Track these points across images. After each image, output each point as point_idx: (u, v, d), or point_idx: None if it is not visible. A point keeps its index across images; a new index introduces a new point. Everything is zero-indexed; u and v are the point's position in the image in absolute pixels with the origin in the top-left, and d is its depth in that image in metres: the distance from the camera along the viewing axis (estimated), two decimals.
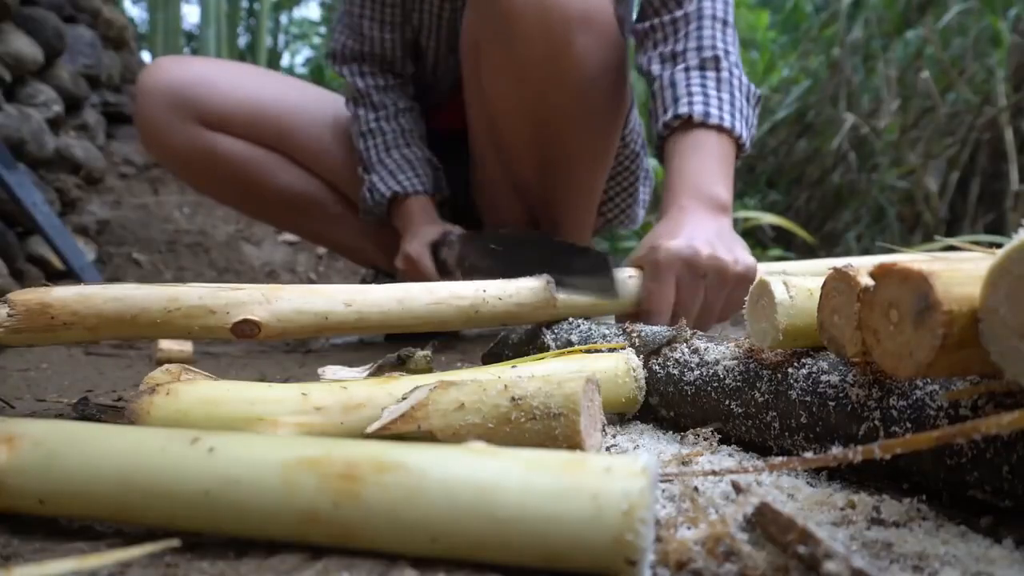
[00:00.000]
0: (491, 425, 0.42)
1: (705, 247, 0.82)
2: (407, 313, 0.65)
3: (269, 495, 0.31)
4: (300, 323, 0.61)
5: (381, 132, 1.28)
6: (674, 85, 0.98)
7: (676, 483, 0.42)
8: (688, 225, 0.85)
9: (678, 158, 0.94)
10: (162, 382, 0.49)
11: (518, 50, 1.03)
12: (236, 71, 1.39)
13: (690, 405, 0.56)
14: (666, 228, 0.86)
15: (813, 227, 3.01)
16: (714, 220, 0.88)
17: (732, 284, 0.83)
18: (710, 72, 0.98)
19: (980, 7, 2.66)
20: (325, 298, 0.62)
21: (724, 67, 0.98)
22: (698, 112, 0.93)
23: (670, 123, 0.95)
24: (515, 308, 0.70)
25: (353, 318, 0.62)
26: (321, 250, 2.50)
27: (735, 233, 0.90)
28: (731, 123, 0.94)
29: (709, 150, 0.93)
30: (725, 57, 0.99)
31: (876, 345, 0.37)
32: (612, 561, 0.28)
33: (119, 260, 2.07)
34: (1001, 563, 0.31)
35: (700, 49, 0.99)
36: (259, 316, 0.59)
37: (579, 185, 1.23)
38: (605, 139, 1.19)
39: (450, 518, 0.29)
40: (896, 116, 2.88)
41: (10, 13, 1.68)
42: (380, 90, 1.30)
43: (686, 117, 0.93)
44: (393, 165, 1.26)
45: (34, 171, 1.77)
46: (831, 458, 0.34)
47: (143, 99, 1.29)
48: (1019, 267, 0.29)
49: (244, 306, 0.59)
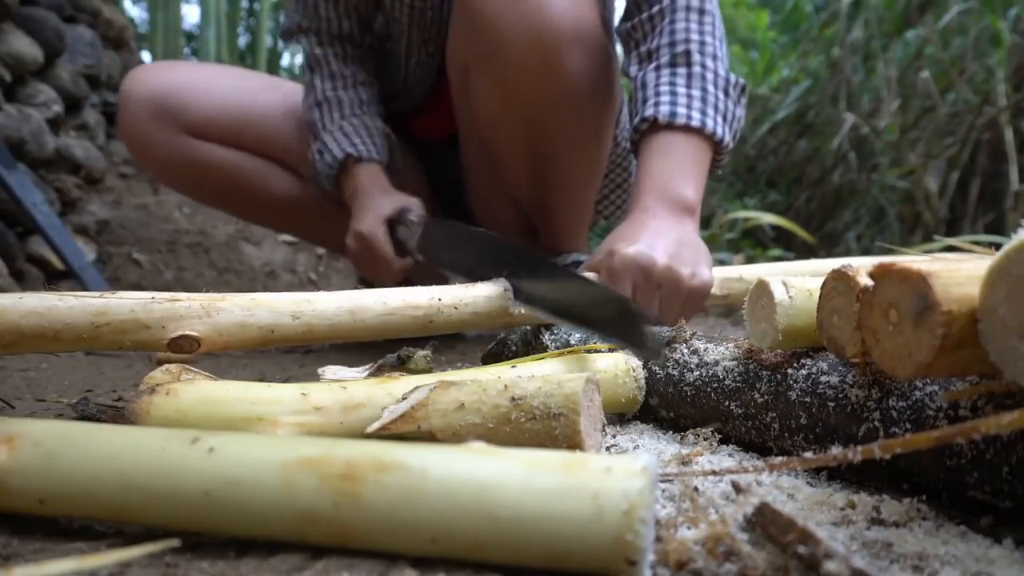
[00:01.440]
0: (491, 425, 0.42)
1: (662, 256, 0.79)
2: (358, 324, 0.61)
3: (269, 495, 0.31)
4: (243, 337, 0.56)
5: (337, 100, 1.21)
6: (644, 86, 0.95)
7: (676, 483, 0.42)
8: (648, 230, 0.82)
9: (646, 160, 0.91)
10: (162, 382, 0.49)
11: (509, 72, 1.02)
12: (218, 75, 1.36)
13: (690, 406, 0.56)
14: (627, 232, 0.83)
15: (813, 227, 3.01)
16: (677, 224, 0.85)
17: (685, 298, 0.81)
18: (681, 68, 0.94)
19: (980, 7, 2.66)
20: (270, 310, 0.58)
21: (696, 61, 0.94)
22: (664, 113, 0.90)
23: (638, 127, 0.93)
24: (471, 317, 0.66)
25: (301, 330, 0.59)
26: (321, 250, 2.50)
27: (699, 240, 0.87)
28: (700, 121, 0.90)
29: (676, 152, 0.90)
30: (698, 50, 0.95)
31: (875, 345, 0.37)
32: (612, 561, 0.28)
33: (119, 260, 2.07)
34: (1001, 563, 0.31)
35: (672, 44, 0.96)
36: (198, 331, 0.55)
37: (574, 192, 1.23)
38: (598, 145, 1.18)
39: (450, 518, 0.29)
40: (896, 116, 2.88)
41: (10, 13, 1.68)
42: (339, 59, 1.24)
43: (651, 120, 0.91)
44: (349, 129, 1.18)
45: (34, 171, 1.78)
46: (831, 458, 0.34)
47: (126, 108, 1.27)
48: (1018, 267, 0.29)
49: (182, 320, 0.54)
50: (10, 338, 0.51)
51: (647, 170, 0.90)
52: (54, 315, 0.52)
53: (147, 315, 0.53)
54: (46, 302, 0.52)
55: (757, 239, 3.06)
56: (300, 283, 2.39)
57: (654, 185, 0.88)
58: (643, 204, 0.87)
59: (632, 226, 0.84)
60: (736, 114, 0.97)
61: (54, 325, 0.52)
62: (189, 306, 0.55)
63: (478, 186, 1.33)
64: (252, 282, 2.24)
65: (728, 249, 2.84)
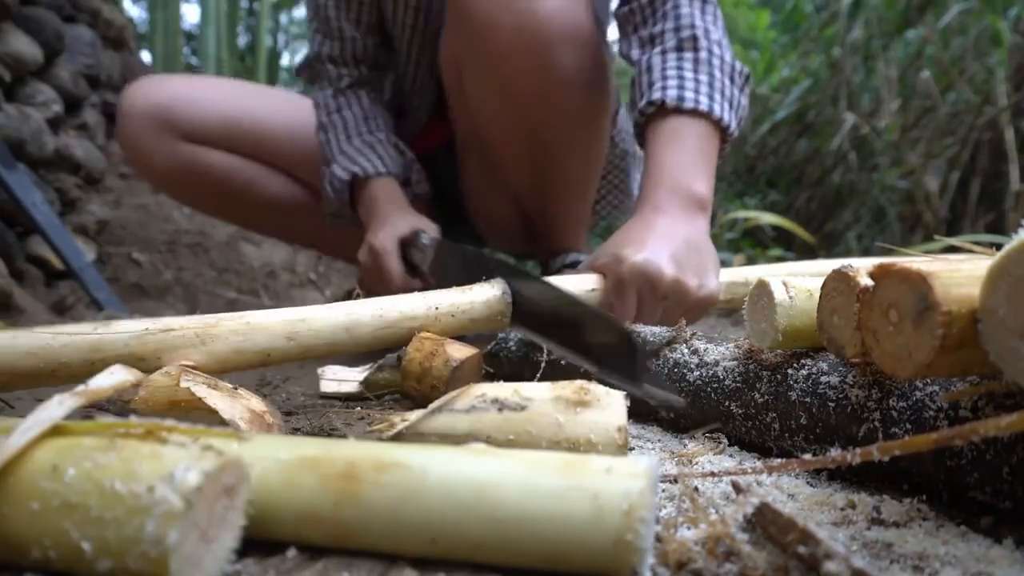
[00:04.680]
0: None
1: (669, 267, 0.78)
2: (355, 340, 0.61)
3: (269, 495, 0.31)
4: (239, 362, 0.56)
5: (343, 121, 1.20)
6: (650, 69, 0.94)
7: (676, 483, 0.42)
8: (657, 233, 0.81)
9: (655, 148, 0.89)
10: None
11: (500, 68, 1.01)
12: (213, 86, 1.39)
13: (690, 406, 0.56)
14: (635, 235, 0.82)
15: (813, 227, 3.01)
16: (688, 224, 0.84)
17: (690, 307, 0.80)
18: (687, 53, 0.93)
19: (980, 7, 2.66)
20: (266, 334, 0.57)
21: (703, 47, 0.93)
22: (672, 97, 0.89)
23: (645, 110, 0.91)
24: (468, 323, 0.66)
25: (297, 351, 0.59)
26: None
27: (708, 242, 0.86)
28: (708, 106, 0.89)
29: (687, 139, 0.88)
30: (704, 36, 0.94)
31: (875, 346, 0.37)
32: (613, 561, 0.28)
33: (119, 260, 2.07)
34: (1001, 563, 0.31)
35: (678, 29, 0.95)
36: (194, 359, 0.54)
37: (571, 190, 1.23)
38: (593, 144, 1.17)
39: (450, 518, 0.29)
40: (896, 116, 2.88)
41: (10, 13, 1.68)
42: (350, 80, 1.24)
43: (659, 103, 0.89)
44: (353, 151, 1.18)
45: (34, 171, 1.77)
46: (829, 461, 0.34)
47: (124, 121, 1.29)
48: (1018, 268, 0.29)
49: (176, 350, 0.54)
50: (5, 379, 0.51)
51: (657, 161, 0.88)
52: (48, 354, 0.51)
53: (142, 347, 0.53)
54: (40, 341, 0.52)
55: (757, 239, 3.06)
56: (300, 283, 2.39)
57: (665, 178, 0.86)
58: (654, 201, 0.85)
59: (640, 229, 0.83)
60: (741, 102, 0.96)
61: (49, 365, 0.52)
62: (183, 335, 0.55)
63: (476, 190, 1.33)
64: (252, 282, 2.24)
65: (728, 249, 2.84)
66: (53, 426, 0.30)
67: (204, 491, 0.26)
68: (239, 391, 0.50)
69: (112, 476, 0.27)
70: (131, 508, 0.26)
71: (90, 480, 0.27)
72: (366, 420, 0.61)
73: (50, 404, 0.32)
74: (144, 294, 1.98)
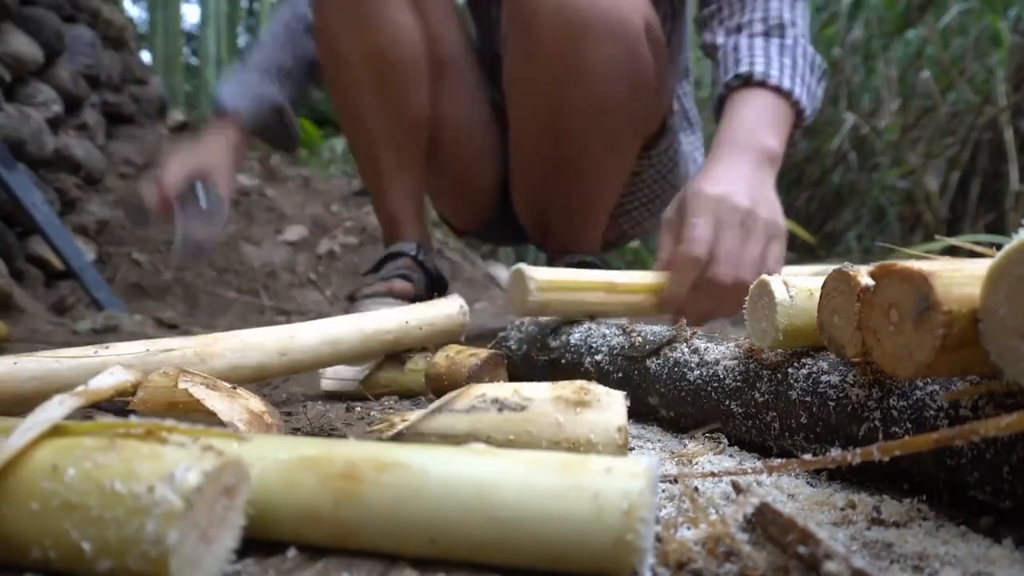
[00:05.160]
0: None
1: (744, 200, 0.83)
2: (337, 354, 0.68)
3: (269, 495, 0.31)
4: (236, 378, 0.59)
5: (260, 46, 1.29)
6: (736, 49, 0.98)
7: (676, 483, 0.42)
8: (730, 174, 0.86)
9: (734, 109, 0.94)
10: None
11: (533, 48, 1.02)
12: None
13: (690, 405, 0.56)
14: (710, 174, 0.86)
15: (813, 227, 3.01)
16: (757, 170, 0.88)
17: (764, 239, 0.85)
18: (774, 39, 0.98)
19: (980, 7, 2.66)
20: (260, 351, 0.62)
21: (789, 35, 0.98)
22: (759, 72, 0.93)
23: (730, 83, 0.96)
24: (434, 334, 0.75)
25: (288, 365, 0.64)
26: (321, 250, 2.50)
27: (775, 196, 0.90)
28: (790, 86, 0.93)
29: (767, 108, 0.93)
30: (791, 26, 0.99)
31: (876, 345, 0.37)
32: (613, 561, 0.28)
33: (119, 260, 2.07)
34: (1001, 563, 0.31)
35: (766, 19, 1.00)
36: None
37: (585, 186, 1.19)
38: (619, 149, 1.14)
39: (450, 518, 0.29)
40: (896, 116, 2.88)
41: (10, 13, 1.68)
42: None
43: (746, 76, 0.94)
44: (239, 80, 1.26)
45: (34, 171, 1.77)
46: (830, 460, 0.34)
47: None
48: (1019, 268, 0.29)
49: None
50: (11, 403, 0.52)
51: (737, 115, 0.93)
52: (53, 379, 0.53)
53: (144, 368, 0.54)
54: (44, 365, 0.53)
55: None
56: (300, 283, 2.39)
57: (743, 128, 0.91)
58: (727, 147, 0.90)
59: (716, 168, 0.87)
60: (817, 93, 1.01)
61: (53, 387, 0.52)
62: (184, 355, 0.58)
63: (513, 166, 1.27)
64: (252, 282, 2.24)
65: None
66: (53, 426, 0.30)
67: (204, 491, 0.26)
68: (238, 390, 0.50)
69: (112, 476, 0.27)
70: (131, 508, 0.26)
71: (90, 480, 0.27)
72: (366, 420, 0.61)
73: (50, 404, 0.32)
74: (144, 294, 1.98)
